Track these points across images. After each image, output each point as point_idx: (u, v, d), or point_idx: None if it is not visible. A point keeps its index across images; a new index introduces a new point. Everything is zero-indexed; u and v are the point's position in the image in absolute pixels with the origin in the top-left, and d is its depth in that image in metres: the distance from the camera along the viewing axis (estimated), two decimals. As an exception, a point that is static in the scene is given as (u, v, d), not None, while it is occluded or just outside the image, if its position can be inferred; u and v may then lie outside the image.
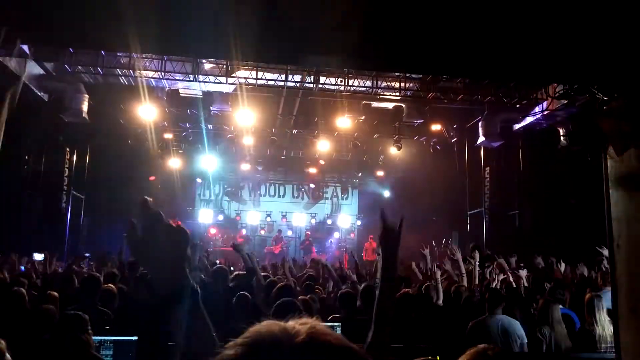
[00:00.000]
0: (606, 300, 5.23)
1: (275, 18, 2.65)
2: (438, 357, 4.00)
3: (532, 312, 5.92)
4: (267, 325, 0.87)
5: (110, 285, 6.05)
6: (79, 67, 13.28)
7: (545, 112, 13.63)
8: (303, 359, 0.80)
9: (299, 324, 0.87)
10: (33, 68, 12.83)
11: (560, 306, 5.51)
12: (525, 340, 4.98)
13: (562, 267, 9.17)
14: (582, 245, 10.49)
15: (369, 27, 2.80)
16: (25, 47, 11.29)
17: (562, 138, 13.91)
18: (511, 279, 7.22)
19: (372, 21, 2.82)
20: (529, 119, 14.67)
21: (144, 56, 11.89)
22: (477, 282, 7.44)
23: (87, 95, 13.97)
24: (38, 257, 10.56)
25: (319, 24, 2.74)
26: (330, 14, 2.71)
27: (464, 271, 7.40)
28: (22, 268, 9.09)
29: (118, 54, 12.32)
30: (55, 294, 5.44)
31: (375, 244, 20.47)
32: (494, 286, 6.75)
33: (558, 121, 13.89)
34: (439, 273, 6.73)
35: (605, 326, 5.16)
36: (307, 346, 0.81)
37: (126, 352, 4.20)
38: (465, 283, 7.13)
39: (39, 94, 13.42)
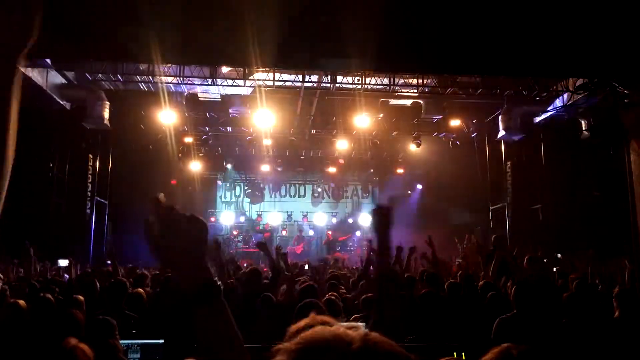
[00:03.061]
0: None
1: (294, 25, 2.67)
2: (463, 355, 3.98)
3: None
4: (318, 331, 0.84)
5: (137, 289, 6.14)
6: (99, 75, 13.52)
7: (566, 105, 13.44)
8: None
9: (350, 330, 0.84)
10: (54, 77, 13.06)
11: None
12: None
13: None
14: (608, 238, 10.34)
15: (387, 30, 2.81)
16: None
17: (583, 130, 13.70)
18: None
19: (390, 24, 2.83)
20: (549, 112, 14.49)
21: (162, 62, 12.03)
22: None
23: (108, 102, 14.18)
24: (63, 263, 10.73)
25: (338, 29, 2.76)
26: (348, 19, 2.72)
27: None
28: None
29: (137, 60, 12.51)
30: (81, 297, 5.53)
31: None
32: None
33: (579, 113, 13.69)
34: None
35: None
36: (363, 354, 0.79)
37: (153, 355, 4.25)
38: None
39: (61, 102, 13.65)
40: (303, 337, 0.83)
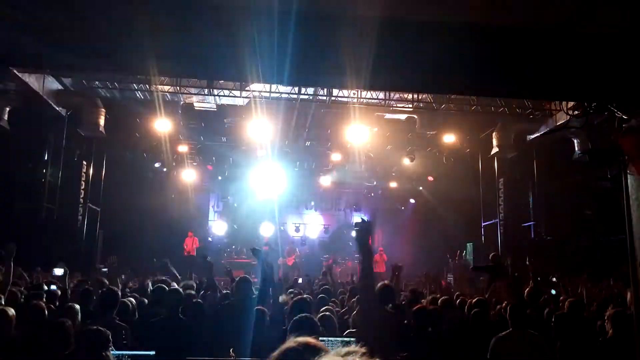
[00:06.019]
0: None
1: (290, 41, 2.70)
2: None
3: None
4: None
5: (129, 299, 6.10)
6: (96, 82, 13.52)
7: (560, 125, 13.53)
8: None
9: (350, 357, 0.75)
10: (51, 84, 13.04)
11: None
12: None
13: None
14: (601, 258, 10.38)
15: (380, 50, 2.84)
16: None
17: (576, 148, 13.81)
18: None
19: (383, 44, 2.86)
20: (542, 130, 14.60)
21: (159, 71, 12.00)
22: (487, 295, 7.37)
23: (103, 110, 14.19)
24: (58, 272, 10.61)
25: (334, 47, 2.79)
26: (343, 39, 2.75)
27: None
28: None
29: (134, 68, 12.51)
30: (77, 306, 5.49)
31: (385, 257, 20.34)
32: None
33: (572, 132, 13.80)
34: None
35: None
36: None
37: (144, 367, 4.22)
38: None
39: (57, 108, 13.62)
40: None
